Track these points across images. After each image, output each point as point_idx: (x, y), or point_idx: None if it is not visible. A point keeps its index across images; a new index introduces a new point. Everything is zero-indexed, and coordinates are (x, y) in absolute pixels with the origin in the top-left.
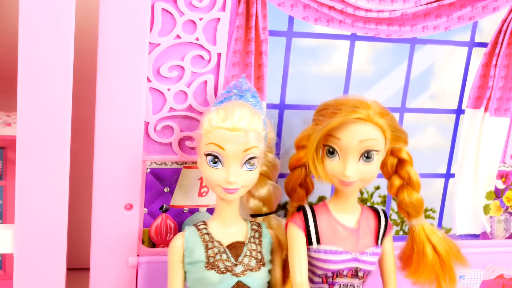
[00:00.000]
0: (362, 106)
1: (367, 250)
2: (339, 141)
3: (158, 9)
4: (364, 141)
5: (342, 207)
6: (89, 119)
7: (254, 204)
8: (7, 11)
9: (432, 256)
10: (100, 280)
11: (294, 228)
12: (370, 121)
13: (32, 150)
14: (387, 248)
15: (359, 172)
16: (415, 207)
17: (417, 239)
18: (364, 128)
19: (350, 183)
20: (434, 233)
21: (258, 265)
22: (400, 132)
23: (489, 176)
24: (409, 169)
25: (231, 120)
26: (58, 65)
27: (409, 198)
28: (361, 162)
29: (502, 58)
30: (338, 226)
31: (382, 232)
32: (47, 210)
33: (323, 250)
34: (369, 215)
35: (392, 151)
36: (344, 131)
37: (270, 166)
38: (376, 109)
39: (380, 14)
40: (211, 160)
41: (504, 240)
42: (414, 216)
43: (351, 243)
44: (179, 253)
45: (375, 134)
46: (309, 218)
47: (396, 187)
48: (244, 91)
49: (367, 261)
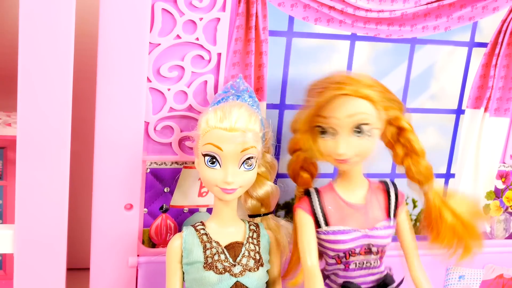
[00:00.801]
0: (347, 81)
1: (377, 225)
2: (327, 119)
3: (158, 9)
4: (352, 115)
5: (347, 185)
6: (89, 119)
7: (252, 205)
8: (7, 11)
9: (451, 219)
10: (100, 280)
11: (301, 212)
12: (356, 95)
13: (32, 150)
14: (402, 219)
15: (352, 148)
16: (423, 174)
17: (432, 205)
18: (351, 103)
19: (344, 160)
20: (450, 197)
21: (256, 266)
22: (393, 101)
23: (489, 176)
24: (410, 137)
25: (228, 120)
26: (58, 65)
27: (415, 165)
28: (353, 137)
29: (502, 58)
30: (344, 205)
31: (393, 204)
32: (47, 210)
33: (332, 231)
34: (377, 189)
35: (390, 121)
36: (331, 109)
37: (268, 167)
38: (364, 82)
39: (380, 14)
40: (209, 161)
41: (504, 240)
42: (425, 182)
43: (359, 220)
44: (177, 254)
45: (364, 107)
46: (314, 200)
47: (400, 157)
48: (242, 91)
49: (378, 236)
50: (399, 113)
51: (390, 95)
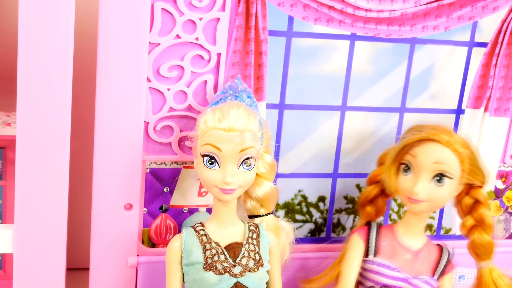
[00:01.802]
0: (443, 131)
1: (420, 276)
2: (414, 158)
3: (158, 9)
4: (438, 163)
5: (408, 231)
6: (89, 119)
7: (252, 205)
8: (7, 11)
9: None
10: (100, 280)
11: (356, 237)
12: (448, 146)
13: (32, 150)
14: (445, 285)
15: (428, 192)
16: (485, 249)
17: (484, 281)
18: (441, 150)
19: (417, 200)
20: (501, 279)
21: (256, 266)
22: (479, 169)
23: None
24: (483, 211)
25: (227, 120)
26: (58, 65)
27: (480, 239)
28: (432, 183)
29: (502, 58)
30: (398, 247)
31: (441, 267)
32: (47, 210)
33: (377, 263)
34: (433, 248)
35: (468, 191)
36: (420, 149)
37: (268, 167)
38: (459, 139)
39: (380, 14)
40: (208, 161)
41: (504, 240)
42: (484, 258)
43: (407, 263)
44: (177, 255)
45: (451, 159)
46: (372, 231)
47: (468, 227)
48: (240, 91)
49: (417, 286)
50: (479, 184)
51: (479, 164)
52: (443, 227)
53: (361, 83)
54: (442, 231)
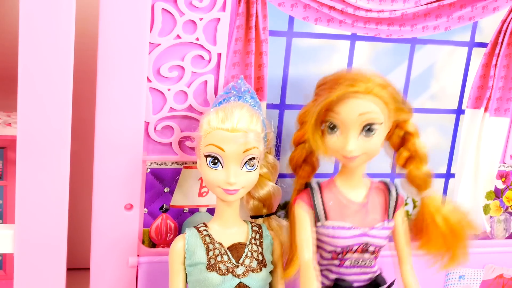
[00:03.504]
0: (361, 79)
1: (376, 225)
2: (338, 115)
3: (158, 9)
4: (364, 114)
5: (349, 182)
6: (89, 119)
7: (254, 205)
8: (7, 11)
9: (443, 227)
10: (100, 280)
11: (301, 205)
12: (369, 94)
13: (32, 150)
14: (399, 221)
15: (361, 146)
16: (424, 179)
17: (427, 211)
18: (363, 101)
19: (352, 157)
20: (444, 206)
21: (259, 266)
22: (403, 103)
23: (489, 176)
24: (416, 141)
25: (230, 121)
26: (58, 65)
27: (416, 170)
28: (362, 135)
29: (502, 58)
30: (345, 202)
31: (392, 206)
32: (47, 210)
33: (331, 226)
34: (379, 189)
35: (398, 124)
36: (343, 105)
37: (270, 167)
38: (377, 81)
39: (380, 14)
40: (211, 161)
41: (504, 240)
42: (424, 188)
43: (359, 218)
44: (180, 255)
45: (375, 106)
46: (315, 194)
47: (403, 159)
48: (243, 92)
49: (376, 236)
50: (408, 116)
51: (400, 97)
52: None
53: None
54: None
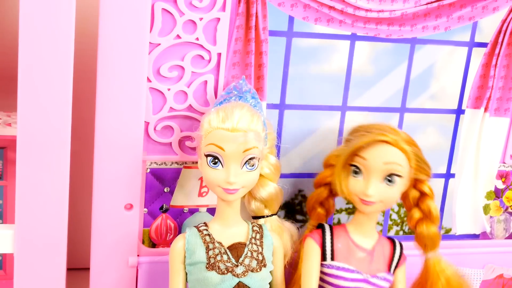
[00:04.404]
0: (390, 131)
1: (378, 274)
2: (365, 161)
3: (158, 9)
4: (388, 164)
5: (360, 230)
6: (89, 119)
7: (256, 206)
8: (7, 11)
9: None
10: (100, 280)
11: (311, 241)
12: (396, 146)
13: (32, 150)
14: (399, 278)
15: (380, 193)
16: (432, 240)
17: (432, 271)
18: (390, 151)
19: (370, 202)
20: (447, 268)
21: (259, 266)
22: (425, 163)
23: (489, 176)
24: (430, 203)
25: (230, 120)
26: (58, 65)
27: (427, 231)
28: (383, 184)
29: (502, 58)
30: (353, 247)
31: (395, 261)
32: (47, 210)
33: (336, 267)
34: (385, 243)
35: (414, 184)
36: (370, 151)
37: (272, 168)
38: (404, 137)
39: (380, 14)
40: (211, 161)
41: (504, 240)
42: (431, 248)
43: (364, 264)
44: (180, 255)
45: (400, 159)
46: (326, 234)
47: (415, 220)
48: (244, 92)
49: (377, 285)
50: (425, 178)
51: (423, 158)
52: (443, 227)
53: (362, 83)
54: (442, 231)
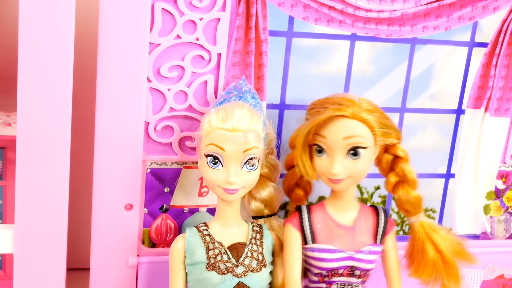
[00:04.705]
0: (346, 103)
1: (363, 249)
2: (325, 139)
3: (158, 9)
4: (349, 138)
5: (338, 205)
6: (89, 119)
7: (256, 206)
8: (7, 11)
9: (432, 254)
10: (100, 280)
11: (290, 227)
12: (355, 118)
13: (32, 150)
14: (389, 246)
15: (346, 169)
16: (413, 204)
17: (417, 237)
18: (349, 124)
19: (337, 180)
20: (435, 231)
21: (259, 266)
22: (391, 128)
23: (489, 176)
24: (404, 166)
25: (230, 120)
26: (58, 65)
27: (405, 195)
28: (348, 159)
29: (502, 58)
30: (333, 225)
31: (381, 230)
32: (47, 210)
33: (317, 249)
34: (368, 213)
35: (386, 148)
36: (328, 128)
37: (271, 168)
38: (363, 106)
39: (380, 14)
40: (211, 161)
41: (504, 240)
42: (413, 213)
43: (346, 241)
44: (181, 255)
45: (361, 130)
46: (304, 217)
47: (392, 184)
48: (244, 92)
49: (363, 260)
50: (396, 141)
51: (389, 122)
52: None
53: (362, 83)
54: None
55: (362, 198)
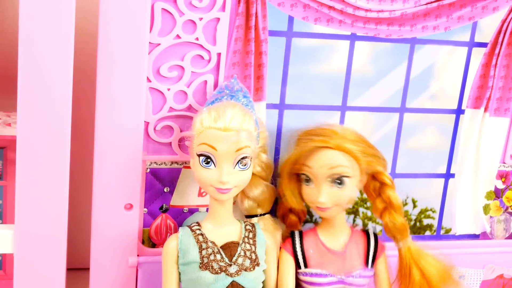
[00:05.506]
0: (330, 135)
1: (353, 273)
2: (310, 169)
3: (158, 9)
4: (333, 168)
5: (329, 231)
6: (89, 119)
7: (249, 205)
8: (7, 11)
9: (418, 279)
10: (100, 280)
11: (283, 252)
12: (339, 149)
13: (32, 150)
14: (380, 269)
15: (332, 197)
16: (399, 231)
17: (403, 262)
18: (333, 155)
19: (324, 209)
20: (421, 257)
21: (252, 265)
22: (376, 157)
23: (489, 176)
24: (390, 193)
25: (222, 120)
26: (58, 65)
27: (391, 221)
28: (334, 188)
29: (502, 58)
30: (324, 250)
31: (371, 254)
32: (47, 210)
33: (309, 273)
34: (359, 238)
35: (374, 175)
36: (313, 159)
37: (264, 167)
38: (348, 137)
39: (380, 14)
40: (204, 161)
41: (504, 240)
42: (399, 238)
43: (337, 266)
44: (173, 254)
45: (344, 160)
46: (296, 242)
47: (379, 210)
48: (236, 91)
49: (353, 284)
50: (381, 169)
51: (373, 151)
52: (443, 227)
53: (361, 83)
54: (442, 231)
55: (355, 202)
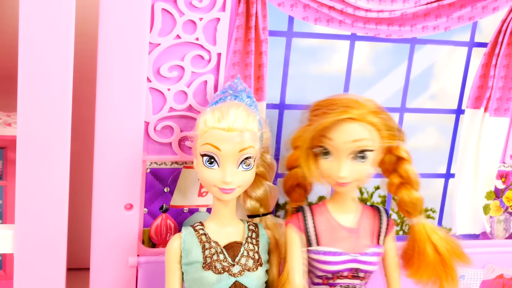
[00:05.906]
0: (354, 105)
1: (367, 251)
2: (332, 141)
3: (158, 9)
4: (357, 141)
5: (341, 207)
6: (89, 119)
7: (251, 205)
8: (7, 11)
9: (433, 256)
10: (100, 280)
11: (293, 229)
12: (363, 121)
13: (32, 150)
14: (389, 247)
15: (353, 172)
16: (415, 206)
17: (418, 238)
18: (357, 127)
19: (345, 183)
20: (435, 232)
21: (255, 265)
22: (396, 130)
23: (489, 176)
24: (407, 167)
25: (226, 120)
26: (58, 65)
27: (408, 196)
28: (355, 161)
29: (502, 58)
30: (337, 227)
31: (383, 231)
32: (47, 210)
33: (322, 252)
34: (370, 214)
35: (390, 149)
36: (336, 131)
37: (267, 167)
38: (370, 108)
39: (380, 14)
40: (207, 161)
41: (504, 240)
42: (414, 214)
43: (350, 243)
44: (176, 254)
45: (368, 133)
46: (308, 219)
47: (395, 186)
48: (239, 91)
49: (367, 262)
50: (400, 142)
51: (394, 124)
52: (443, 227)
53: (361, 83)
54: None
55: (362, 198)
